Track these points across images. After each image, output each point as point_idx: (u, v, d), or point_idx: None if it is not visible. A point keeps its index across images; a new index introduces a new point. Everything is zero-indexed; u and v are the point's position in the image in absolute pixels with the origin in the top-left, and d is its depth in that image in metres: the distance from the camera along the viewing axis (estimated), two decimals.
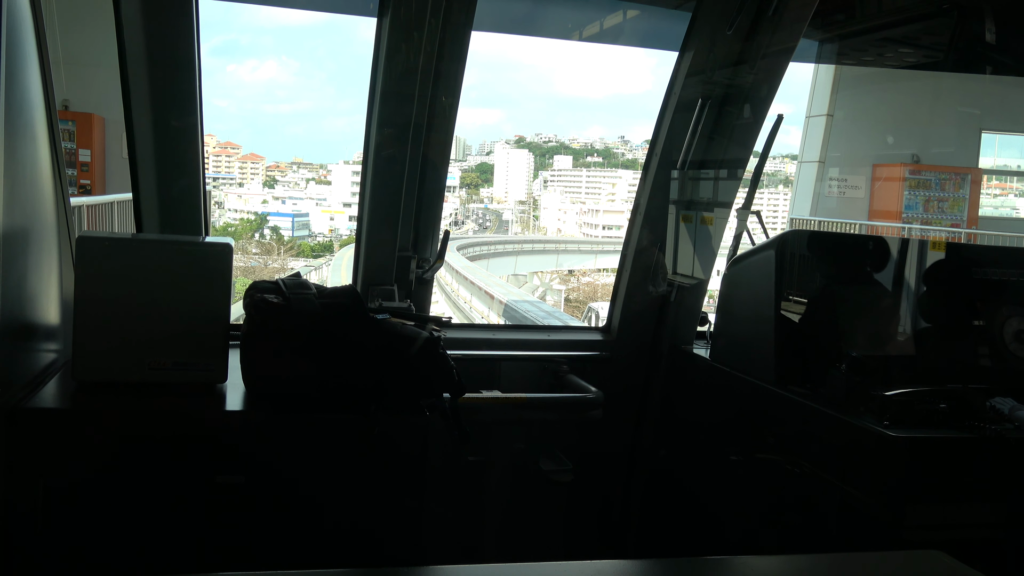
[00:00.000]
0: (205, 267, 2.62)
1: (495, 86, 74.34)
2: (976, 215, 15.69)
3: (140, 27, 3.15)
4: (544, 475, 3.82)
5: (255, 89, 68.30)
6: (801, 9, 3.67)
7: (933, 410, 2.78)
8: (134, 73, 3.19)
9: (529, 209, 37.55)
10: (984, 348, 3.27)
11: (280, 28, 78.42)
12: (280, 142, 77.67)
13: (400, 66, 3.44)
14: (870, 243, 3.81)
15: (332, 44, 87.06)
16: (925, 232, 14.75)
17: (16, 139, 2.40)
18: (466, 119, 57.51)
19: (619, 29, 4.99)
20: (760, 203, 4.17)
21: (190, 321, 2.57)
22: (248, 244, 28.18)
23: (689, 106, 3.96)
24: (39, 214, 2.65)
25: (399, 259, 3.74)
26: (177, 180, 3.37)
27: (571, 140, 40.17)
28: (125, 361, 2.54)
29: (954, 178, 15.37)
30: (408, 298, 3.74)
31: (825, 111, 14.67)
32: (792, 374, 3.17)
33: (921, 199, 15.26)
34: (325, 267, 25.37)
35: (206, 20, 3.28)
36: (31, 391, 2.49)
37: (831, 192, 15.11)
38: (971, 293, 3.32)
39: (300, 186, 33.31)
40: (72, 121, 10.19)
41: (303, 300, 2.55)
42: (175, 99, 3.31)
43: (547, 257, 32.12)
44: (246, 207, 31.63)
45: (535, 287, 29.41)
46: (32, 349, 2.62)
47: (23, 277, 2.49)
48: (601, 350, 4.14)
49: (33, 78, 2.58)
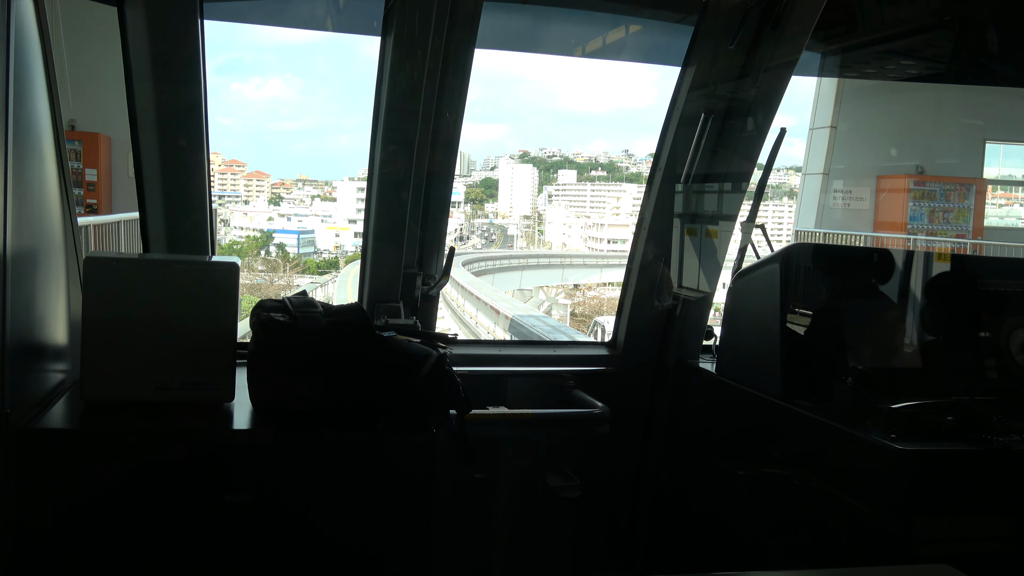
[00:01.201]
0: (212, 286, 2.62)
1: (499, 101, 74.56)
2: (981, 225, 15.67)
3: (146, 47, 3.17)
4: (551, 491, 3.81)
5: (260, 107, 68.65)
6: (803, 23, 3.68)
7: (940, 423, 2.77)
8: (140, 92, 3.20)
9: (534, 224, 37.60)
10: (991, 360, 3.26)
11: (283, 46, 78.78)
12: (285, 159, 77.95)
13: (404, 83, 3.46)
14: (875, 255, 3.80)
15: (335, 61, 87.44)
16: (931, 243, 14.73)
17: (24, 159, 2.42)
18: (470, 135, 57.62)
19: (622, 44, 5.00)
20: (765, 215, 4.18)
21: (197, 340, 2.58)
22: (254, 261, 28.24)
23: (692, 120, 3.97)
24: (47, 234, 2.67)
25: (405, 276, 3.75)
26: (184, 199, 3.38)
27: (575, 154, 40.26)
28: (133, 381, 2.54)
29: (959, 189, 15.35)
30: (414, 315, 3.75)
31: (829, 123, 14.68)
32: (798, 387, 3.16)
33: (926, 210, 15.25)
34: (331, 284, 25.41)
35: (210, 38, 3.29)
36: (39, 411, 2.50)
37: (836, 204, 15.10)
38: (977, 305, 3.31)
39: (305, 203, 33.42)
40: (79, 141, 10.23)
41: (309, 318, 2.55)
42: (181, 118, 3.32)
43: (552, 272, 32.13)
44: (252, 224, 31.72)
45: (541, 302, 29.40)
46: (40, 369, 2.63)
47: (31, 297, 2.50)
48: (607, 365, 4.13)
49: (40, 99, 2.60)
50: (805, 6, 3.64)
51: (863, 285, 3.46)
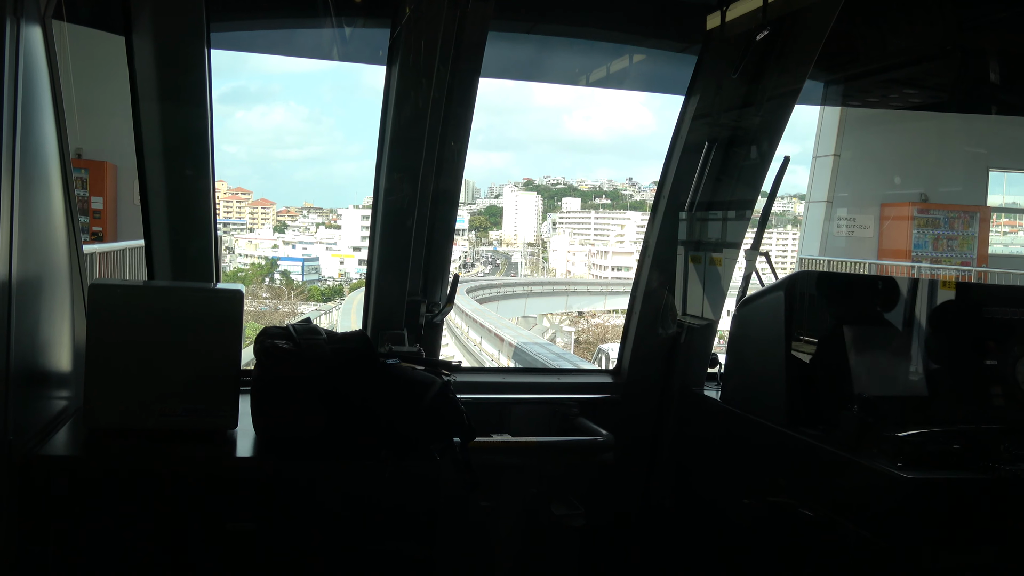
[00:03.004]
0: (216, 313, 2.62)
1: (503, 130, 74.88)
2: (986, 253, 15.64)
3: (153, 75, 3.19)
4: (556, 520, 3.79)
5: (264, 135, 69.07)
6: (806, 52, 3.70)
7: (947, 451, 2.75)
8: (147, 121, 3.22)
9: (538, 251, 37.66)
10: (997, 387, 3.25)
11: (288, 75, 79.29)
12: (290, 187, 78.38)
13: (409, 112, 3.48)
14: (880, 283, 3.80)
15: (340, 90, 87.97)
16: (935, 271, 14.70)
17: (31, 187, 2.43)
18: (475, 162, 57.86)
19: (625, 73, 5.04)
20: (769, 243, 4.19)
21: (201, 367, 2.58)
22: (258, 289, 28.28)
23: (696, 148, 3.98)
24: (52, 261, 2.67)
25: (409, 303, 3.75)
26: (189, 226, 3.39)
27: (579, 182, 40.42)
28: (136, 408, 2.54)
29: (963, 216, 15.34)
30: (418, 342, 3.74)
31: (832, 151, 14.70)
32: (803, 415, 3.15)
33: (930, 237, 15.24)
34: (335, 311, 25.42)
35: (215, 67, 3.31)
36: (43, 438, 2.49)
37: (840, 232, 15.10)
38: (982, 332, 3.30)
39: (310, 231, 33.54)
40: (85, 169, 10.29)
41: (313, 346, 2.55)
42: (187, 146, 3.33)
43: (557, 299, 32.15)
44: (256, 252, 31.83)
45: (545, 329, 29.39)
46: (44, 396, 2.63)
47: (36, 324, 2.51)
48: (611, 392, 4.12)
49: (48, 127, 2.62)
50: (808, 35, 3.66)
51: (868, 313, 3.45)
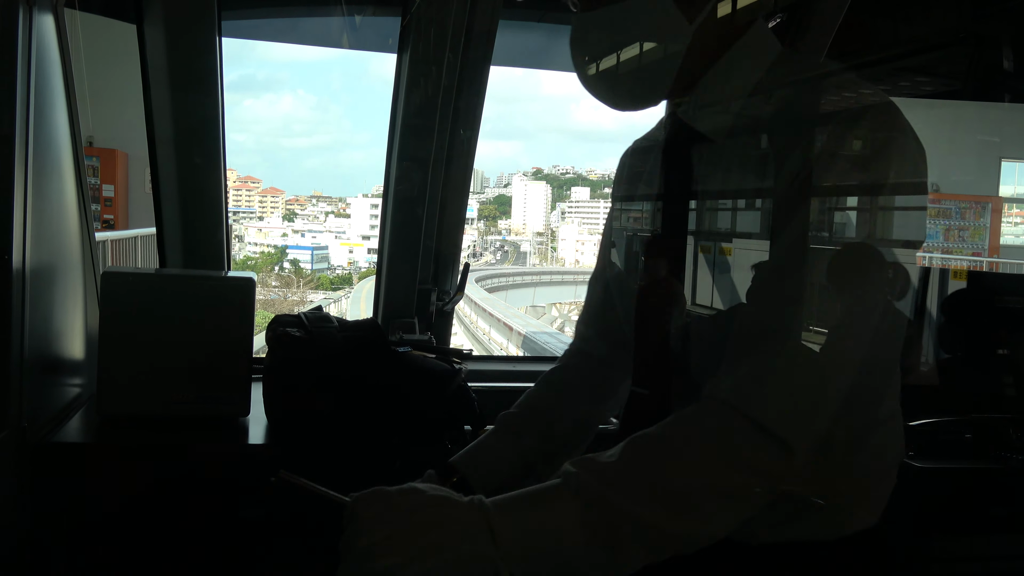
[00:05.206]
0: (228, 301, 2.62)
1: (512, 119, 74.76)
2: (997, 243, 15.57)
3: (164, 64, 3.19)
4: None
5: (273, 123, 69.16)
6: (817, 41, 3.67)
7: (958, 440, 2.75)
8: (158, 109, 3.22)
9: (547, 240, 37.62)
10: (1009, 377, 3.24)
11: (296, 63, 79.29)
12: (299, 176, 78.62)
13: (420, 100, 3.47)
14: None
15: (348, 78, 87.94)
16: (946, 261, 14.65)
17: (43, 176, 2.44)
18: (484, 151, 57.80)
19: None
20: None
21: (213, 355, 2.59)
22: (268, 277, 28.34)
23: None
24: (65, 250, 2.69)
25: (419, 292, 3.75)
26: (200, 215, 3.40)
27: (588, 171, 40.38)
28: (149, 395, 2.55)
29: (974, 207, 15.27)
30: (428, 330, 3.75)
31: None
32: None
33: (941, 228, 15.17)
34: (344, 299, 25.46)
35: (224, 55, 3.32)
36: (56, 425, 2.51)
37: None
38: (994, 322, 3.29)
39: (319, 219, 33.57)
40: (97, 157, 10.33)
41: (325, 334, 2.56)
42: (198, 134, 3.34)
43: (565, 288, 32.12)
44: (266, 240, 31.87)
45: (554, 318, 29.37)
46: (57, 384, 2.64)
47: (49, 312, 2.52)
48: None
49: (60, 115, 2.63)
50: (819, 24, 3.63)
51: None
